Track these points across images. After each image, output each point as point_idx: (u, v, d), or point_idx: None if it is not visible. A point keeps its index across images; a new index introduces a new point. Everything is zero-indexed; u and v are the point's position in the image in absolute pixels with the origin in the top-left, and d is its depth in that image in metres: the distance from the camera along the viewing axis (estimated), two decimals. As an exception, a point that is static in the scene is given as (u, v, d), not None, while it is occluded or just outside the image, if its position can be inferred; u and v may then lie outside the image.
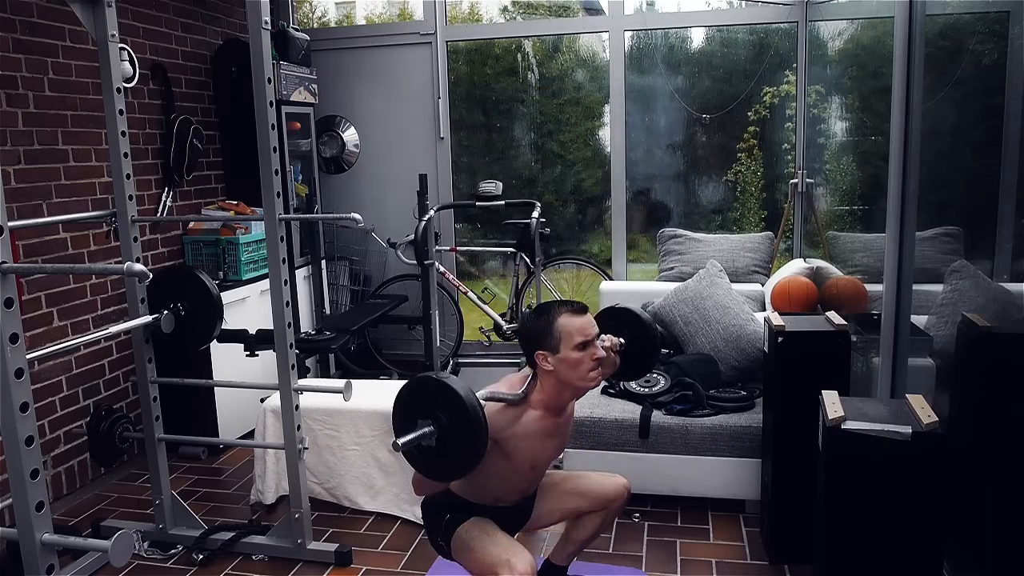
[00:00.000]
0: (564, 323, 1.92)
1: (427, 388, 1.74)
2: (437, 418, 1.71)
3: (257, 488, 3.12)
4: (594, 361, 1.94)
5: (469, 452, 1.72)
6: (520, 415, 1.96)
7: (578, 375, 1.94)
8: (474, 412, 1.68)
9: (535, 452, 2.01)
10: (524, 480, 2.08)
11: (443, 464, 1.77)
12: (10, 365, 1.60)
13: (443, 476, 1.88)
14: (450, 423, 1.70)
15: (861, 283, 3.18)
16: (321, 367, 4.52)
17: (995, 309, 2.26)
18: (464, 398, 1.68)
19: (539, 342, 1.95)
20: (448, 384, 1.70)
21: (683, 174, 4.74)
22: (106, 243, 3.38)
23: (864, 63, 3.54)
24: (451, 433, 1.71)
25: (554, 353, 1.93)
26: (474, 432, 1.69)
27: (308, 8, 7.09)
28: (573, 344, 1.91)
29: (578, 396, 2.07)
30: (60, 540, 1.68)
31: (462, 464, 1.75)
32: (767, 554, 2.65)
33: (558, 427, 2.04)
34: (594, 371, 1.95)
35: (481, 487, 2.03)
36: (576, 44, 5.22)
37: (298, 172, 4.43)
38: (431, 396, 1.73)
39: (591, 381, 1.96)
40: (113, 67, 2.51)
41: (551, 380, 1.96)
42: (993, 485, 1.98)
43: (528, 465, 2.02)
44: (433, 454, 1.74)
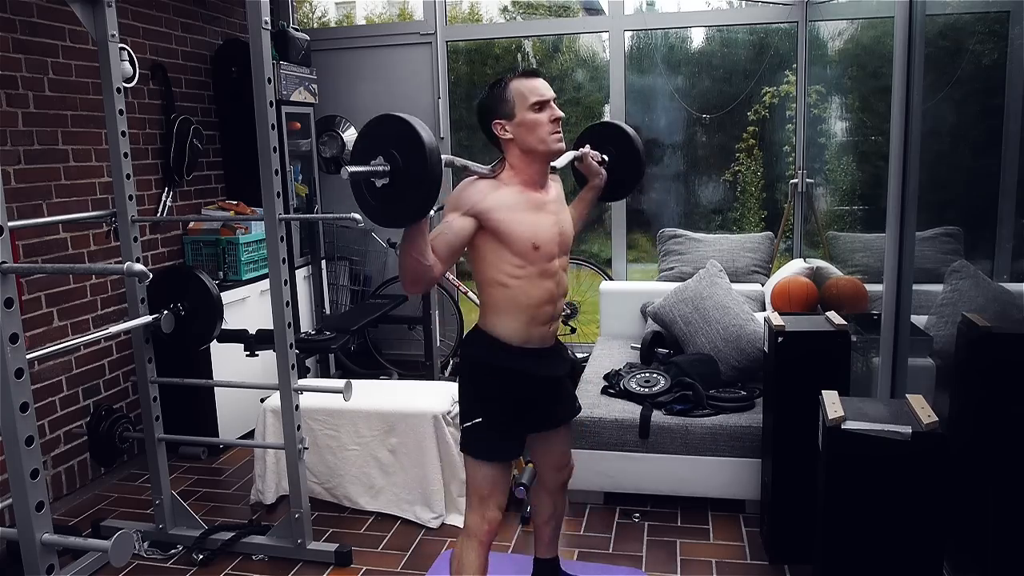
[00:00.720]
0: (516, 86, 1.89)
1: (389, 124, 1.66)
2: (393, 157, 1.63)
3: (257, 488, 3.12)
4: (552, 123, 1.89)
5: (423, 189, 1.62)
6: (495, 188, 1.89)
7: (537, 137, 1.88)
8: (429, 147, 1.59)
9: (529, 226, 1.89)
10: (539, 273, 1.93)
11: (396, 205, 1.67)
12: (10, 365, 1.60)
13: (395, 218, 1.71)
14: (405, 161, 1.62)
15: (861, 283, 3.18)
16: (321, 367, 4.52)
17: (995, 309, 2.26)
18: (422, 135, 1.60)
19: (494, 112, 1.90)
20: (407, 121, 1.62)
21: (683, 174, 4.74)
22: (106, 243, 3.38)
23: (864, 63, 3.54)
24: (405, 170, 1.62)
25: (510, 119, 1.89)
26: (428, 167, 1.60)
27: (308, 8, 7.09)
28: (528, 104, 1.87)
29: (547, 162, 1.97)
30: (60, 540, 1.68)
31: (416, 203, 1.65)
32: (767, 554, 2.65)
33: (544, 201, 1.95)
34: (555, 134, 1.90)
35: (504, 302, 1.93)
36: (576, 44, 5.23)
37: (298, 172, 4.43)
38: (391, 133, 1.64)
39: (555, 143, 1.90)
40: (113, 67, 2.51)
41: (514, 150, 1.91)
42: (993, 485, 1.98)
43: (529, 243, 1.89)
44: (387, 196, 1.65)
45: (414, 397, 3.07)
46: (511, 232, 1.88)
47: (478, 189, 1.88)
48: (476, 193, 1.87)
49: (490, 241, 1.89)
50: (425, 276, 1.78)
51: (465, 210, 1.85)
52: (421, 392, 3.15)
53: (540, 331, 1.99)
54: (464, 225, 1.85)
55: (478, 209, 1.86)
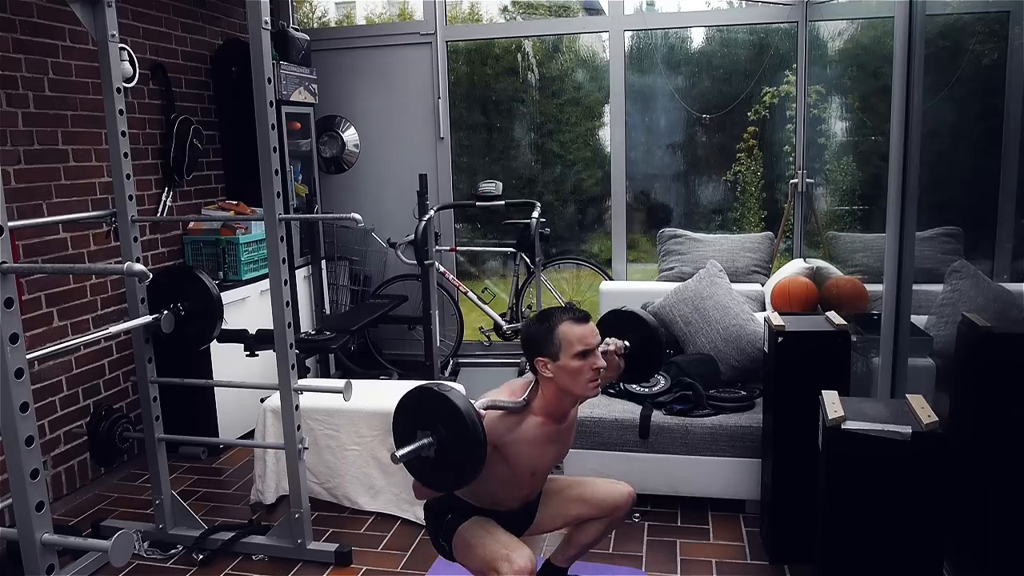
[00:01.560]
0: (565, 331, 1.92)
1: (426, 399, 1.75)
2: (436, 430, 1.72)
3: (257, 488, 3.12)
4: (593, 371, 1.93)
5: (468, 465, 1.72)
6: (520, 422, 1.96)
7: (577, 384, 1.93)
8: (472, 427, 1.68)
9: (535, 458, 2.01)
10: (525, 486, 2.08)
11: (442, 475, 1.78)
12: (10, 365, 1.60)
13: (442, 486, 1.89)
14: (449, 435, 1.71)
15: (861, 283, 3.18)
16: (321, 367, 4.52)
17: (995, 309, 2.26)
18: (463, 412, 1.68)
19: (539, 348, 1.94)
20: (447, 397, 1.70)
21: (683, 174, 4.74)
22: (106, 243, 3.38)
23: (864, 63, 3.54)
24: (450, 445, 1.71)
25: (554, 360, 1.92)
26: (472, 446, 1.69)
27: (308, 8, 7.08)
28: (573, 353, 1.91)
29: (578, 403, 2.06)
30: (60, 540, 1.68)
31: (461, 476, 1.76)
32: (767, 554, 2.65)
33: (559, 433, 2.04)
34: (593, 381, 1.94)
35: (482, 491, 2.03)
36: (576, 44, 5.22)
37: (298, 172, 4.43)
38: (430, 407, 1.73)
39: (591, 391, 1.96)
40: (113, 67, 2.51)
41: (551, 387, 1.96)
42: (993, 485, 1.98)
43: (528, 471, 2.02)
44: (432, 465, 1.75)
45: (414, 397, 3.07)
46: (518, 460, 1.98)
47: (505, 425, 1.95)
48: (503, 429, 1.94)
49: (496, 459, 1.94)
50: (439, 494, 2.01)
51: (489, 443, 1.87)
52: (421, 392, 3.14)
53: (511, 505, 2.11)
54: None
55: (499, 443, 1.93)
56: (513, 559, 1.87)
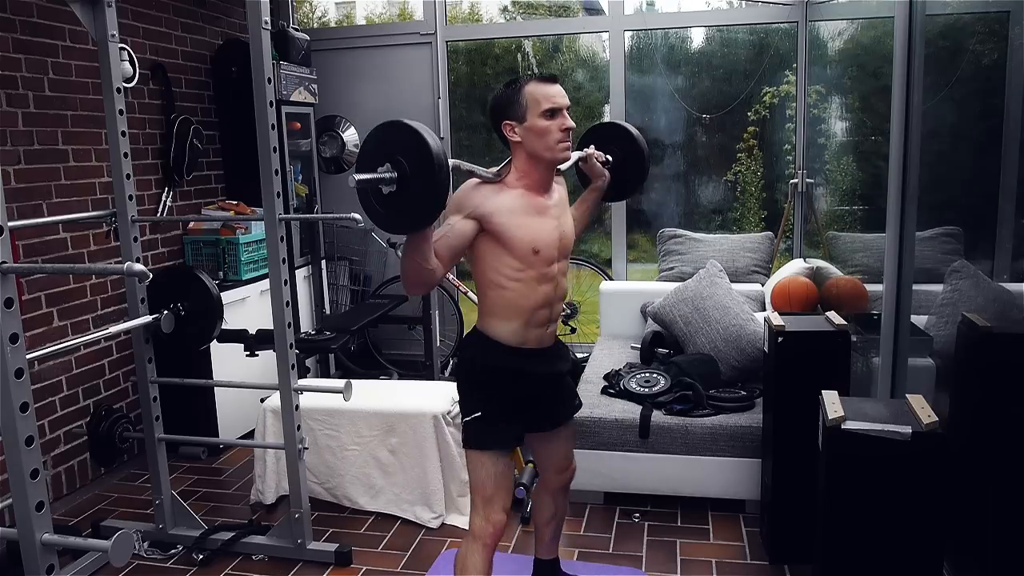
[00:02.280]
0: (531, 90, 1.87)
1: (393, 131, 1.65)
2: (399, 163, 1.62)
3: (257, 488, 3.12)
4: (563, 132, 1.88)
5: (430, 196, 1.62)
6: (498, 192, 1.89)
7: (545, 144, 1.87)
8: (436, 154, 1.59)
9: (530, 231, 1.90)
10: (535, 275, 1.93)
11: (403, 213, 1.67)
12: (10, 365, 1.60)
13: (402, 225, 1.72)
14: (412, 167, 1.61)
15: (861, 283, 3.18)
16: (321, 367, 4.52)
17: (995, 309, 2.26)
18: (428, 141, 1.59)
19: (506, 111, 1.89)
20: (413, 127, 1.61)
21: (683, 174, 4.74)
22: (106, 243, 3.38)
23: (864, 63, 3.54)
24: (412, 182, 1.61)
25: (521, 122, 1.87)
26: (435, 174, 1.59)
27: (308, 8, 7.08)
28: (540, 111, 1.85)
29: (552, 168, 1.97)
30: (60, 540, 1.68)
31: (423, 210, 1.65)
32: (767, 554, 2.65)
33: (547, 206, 1.95)
34: (563, 142, 1.89)
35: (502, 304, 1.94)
36: (576, 44, 5.23)
37: (298, 172, 4.43)
38: (396, 141, 1.63)
39: (560, 152, 1.90)
40: (113, 67, 2.51)
41: (521, 153, 1.90)
42: (993, 485, 1.98)
43: (528, 247, 1.90)
44: (394, 203, 1.64)
45: (414, 397, 3.07)
46: (512, 236, 1.88)
47: (481, 192, 1.88)
48: (479, 196, 1.87)
49: (491, 244, 1.89)
50: (427, 279, 1.79)
51: (467, 212, 1.85)
52: (421, 392, 3.15)
53: (537, 333, 2.00)
54: (466, 228, 1.85)
55: (480, 212, 1.86)
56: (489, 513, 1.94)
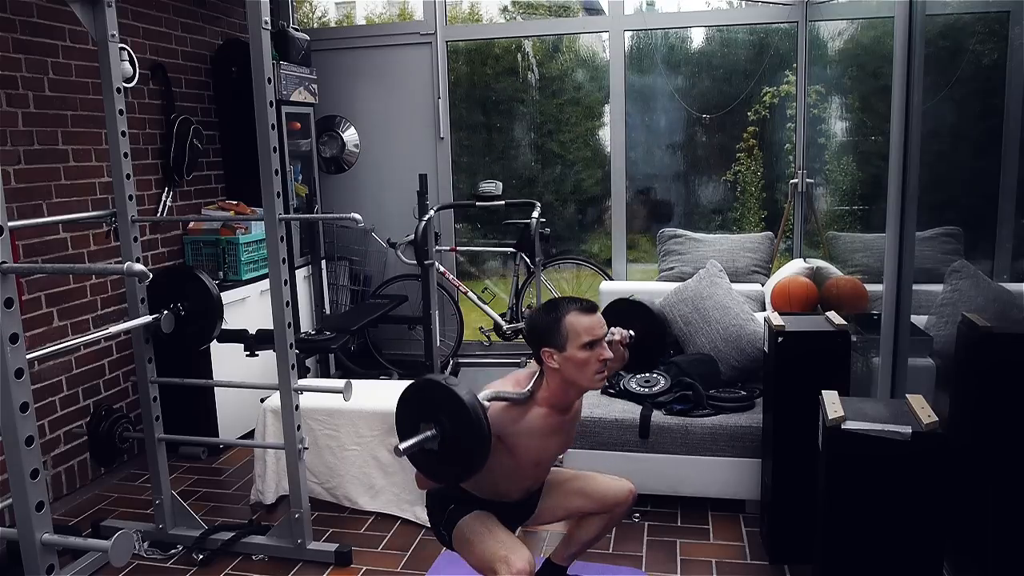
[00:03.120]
0: (572, 321, 1.90)
1: (430, 391, 1.74)
2: (440, 422, 1.70)
3: (257, 488, 3.12)
4: (600, 362, 1.92)
5: (472, 458, 1.71)
6: (525, 413, 1.95)
7: (584, 376, 1.92)
8: (477, 419, 1.67)
9: (539, 449, 2.00)
10: (527, 477, 2.08)
11: (446, 467, 1.77)
12: (10, 365, 1.60)
13: (446, 479, 1.88)
14: (453, 428, 1.69)
15: (861, 283, 3.18)
16: (321, 367, 4.52)
17: (995, 309, 2.26)
18: (467, 404, 1.67)
19: (546, 339, 1.93)
20: (451, 390, 1.69)
21: (683, 174, 4.74)
22: (106, 243, 3.38)
23: (864, 63, 3.54)
24: (454, 438, 1.70)
25: (560, 351, 1.91)
26: (477, 439, 1.68)
27: (308, 8, 7.08)
28: (580, 343, 1.89)
29: (583, 393, 2.05)
30: (60, 540, 1.68)
31: (465, 469, 1.75)
32: (767, 554, 2.65)
33: (563, 424, 2.03)
34: (600, 372, 1.93)
35: (485, 482, 2.02)
36: (576, 44, 5.22)
37: (298, 172, 4.43)
38: (434, 399, 1.72)
39: (597, 383, 1.95)
40: (113, 67, 2.51)
41: (556, 378, 1.95)
42: (993, 485, 1.98)
43: (532, 462, 2.02)
44: (436, 458, 1.74)
45: (414, 397, 3.06)
46: (521, 454, 1.97)
47: (510, 416, 1.93)
48: (507, 420, 1.93)
49: (500, 451, 1.93)
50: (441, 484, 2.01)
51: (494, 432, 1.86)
52: (421, 392, 3.14)
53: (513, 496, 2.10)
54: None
55: (503, 433, 1.92)
56: (511, 560, 1.86)
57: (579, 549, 2.28)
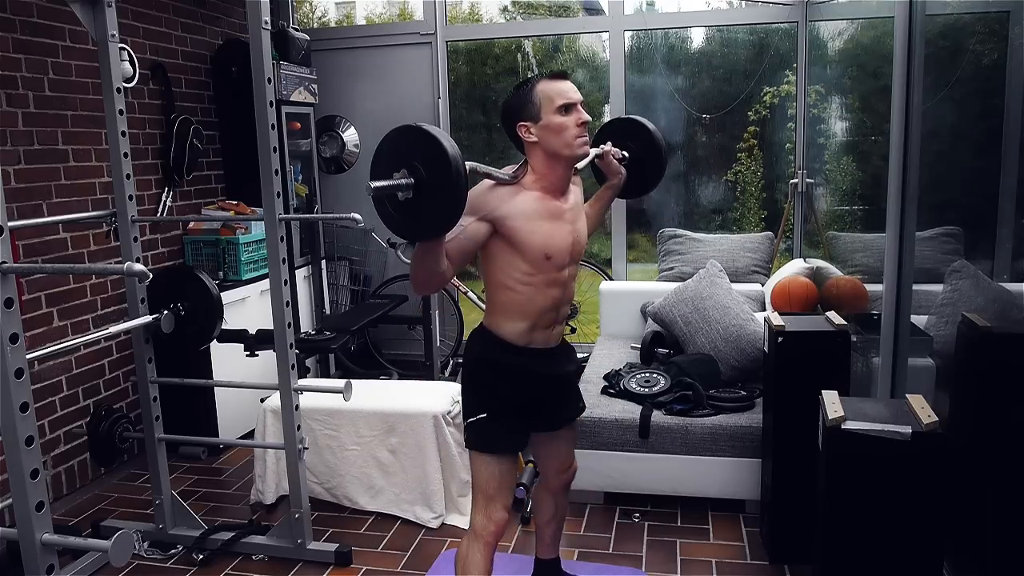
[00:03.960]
0: (543, 88, 1.85)
1: (409, 136, 1.62)
2: (415, 169, 1.59)
3: (257, 488, 3.12)
4: (579, 126, 1.85)
5: (447, 204, 1.58)
6: (514, 195, 1.86)
7: (563, 141, 1.85)
8: (455, 161, 1.54)
9: (544, 236, 1.88)
10: (546, 280, 1.92)
11: (419, 220, 1.63)
12: (10, 365, 1.60)
13: (418, 232, 1.69)
14: (429, 174, 1.56)
15: (861, 283, 3.18)
16: (321, 367, 4.52)
17: (995, 309, 2.26)
18: (446, 147, 1.55)
19: (519, 113, 1.87)
20: (431, 132, 1.58)
21: (683, 174, 4.74)
22: (106, 243, 3.38)
23: (864, 63, 3.54)
24: (429, 187, 1.57)
25: (536, 122, 1.85)
26: (453, 181, 1.55)
27: (308, 8, 7.09)
28: (555, 107, 1.83)
29: (571, 167, 1.95)
30: (60, 540, 1.68)
31: (439, 218, 1.61)
32: (767, 554, 2.65)
33: (562, 210, 1.93)
34: (580, 137, 1.87)
35: (509, 306, 1.93)
36: (576, 44, 5.23)
37: (298, 172, 4.43)
38: (411, 146, 1.61)
39: (579, 148, 1.87)
40: (113, 67, 2.51)
41: (538, 153, 1.88)
42: (993, 485, 1.98)
43: (541, 252, 1.88)
44: (410, 209, 1.62)
45: (414, 397, 3.07)
46: (524, 241, 1.86)
47: (497, 195, 1.86)
48: (494, 199, 1.85)
49: (503, 246, 1.88)
50: (438, 281, 1.78)
51: (481, 215, 1.83)
52: (421, 392, 3.15)
53: (543, 334, 1.99)
54: (479, 230, 1.83)
55: (495, 215, 1.84)
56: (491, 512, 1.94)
57: (548, 533, 2.32)
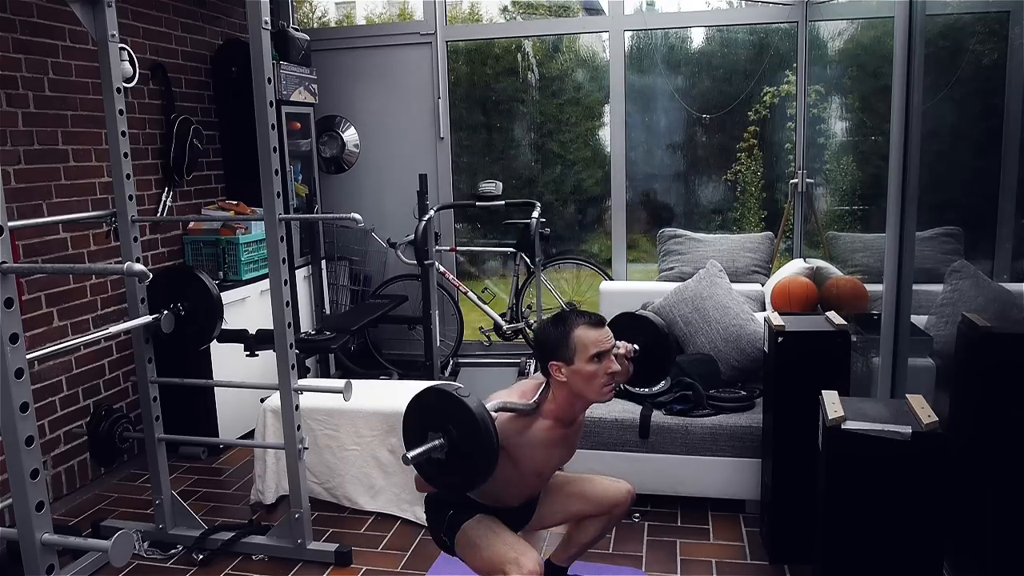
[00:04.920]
0: (580, 335, 1.91)
1: (439, 401, 1.74)
2: (448, 431, 1.70)
3: (257, 488, 3.12)
4: (607, 375, 1.93)
5: (479, 469, 1.71)
6: (530, 424, 1.96)
7: (591, 389, 1.93)
8: (486, 430, 1.67)
9: (542, 461, 2.02)
10: (528, 486, 2.08)
11: (451, 477, 1.77)
12: (10, 365, 1.60)
13: (451, 488, 1.89)
14: (461, 438, 1.70)
15: (861, 283, 3.18)
16: (321, 367, 4.52)
17: (995, 309, 2.26)
18: (477, 415, 1.67)
19: (554, 352, 1.93)
20: (461, 400, 1.69)
21: (683, 174, 4.74)
22: (106, 243, 3.38)
23: (864, 63, 3.54)
24: (461, 447, 1.70)
25: (568, 364, 1.91)
26: (485, 449, 1.68)
27: (308, 8, 7.08)
28: (588, 356, 1.90)
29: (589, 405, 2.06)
30: (60, 540, 1.68)
31: (471, 478, 1.76)
32: (767, 554, 2.66)
33: (567, 437, 2.04)
34: (608, 386, 1.94)
35: (485, 490, 2.01)
36: (576, 44, 5.22)
37: (298, 172, 4.43)
38: (442, 408, 1.72)
39: (605, 395, 1.95)
40: (113, 67, 2.51)
41: (564, 391, 1.95)
42: (993, 485, 1.98)
43: (534, 472, 2.03)
44: (442, 467, 1.74)
45: (414, 397, 3.07)
46: (524, 464, 1.98)
47: (514, 428, 1.94)
48: (511, 431, 1.92)
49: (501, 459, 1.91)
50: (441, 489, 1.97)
51: None
52: (421, 392, 3.14)
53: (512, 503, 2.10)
54: None
55: (509, 444, 1.91)
56: (521, 562, 1.87)
57: (578, 551, 2.28)
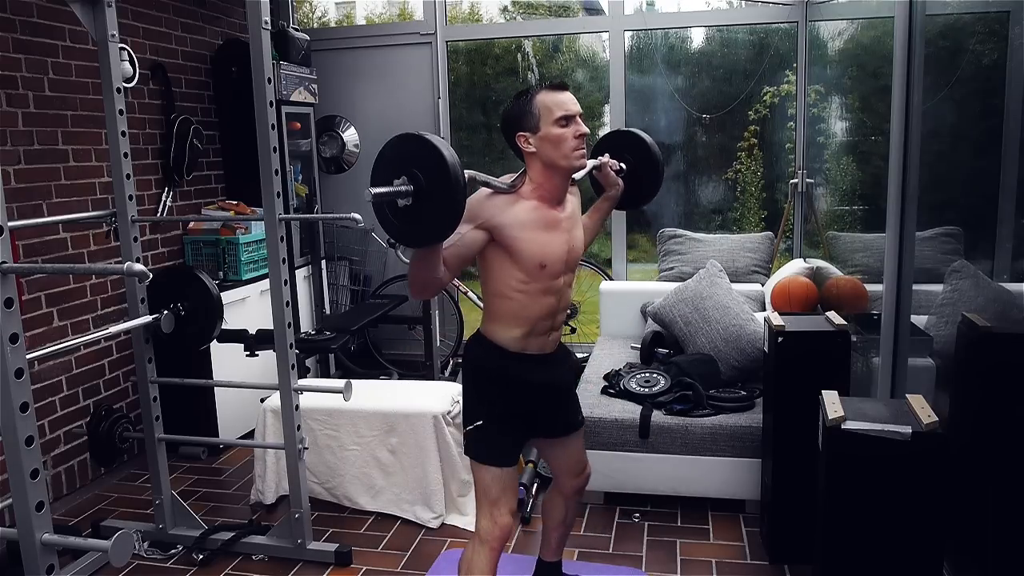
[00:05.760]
0: (543, 99, 1.87)
1: (409, 144, 1.64)
2: (415, 176, 1.61)
3: (257, 488, 3.12)
4: (577, 138, 1.87)
5: (446, 212, 1.61)
6: (511, 204, 1.88)
7: (561, 153, 1.87)
8: (454, 170, 1.56)
9: (539, 245, 1.90)
10: (540, 289, 1.93)
11: (418, 227, 1.66)
12: (10, 365, 1.60)
13: (417, 238, 1.71)
14: (428, 181, 1.59)
15: (861, 283, 3.18)
16: (321, 367, 4.52)
17: (995, 309, 2.26)
18: (446, 156, 1.57)
19: (519, 123, 1.89)
20: (430, 141, 1.60)
21: (683, 174, 4.74)
22: (106, 243, 3.38)
23: (864, 63, 3.54)
24: (428, 191, 1.60)
25: (535, 132, 1.87)
26: (452, 190, 1.57)
27: (308, 8, 7.09)
28: (553, 119, 1.86)
29: (568, 177, 1.97)
30: (60, 540, 1.68)
31: (437, 226, 1.64)
32: (767, 554, 2.66)
33: (559, 220, 1.95)
34: (578, 149, 1.88)
35: (505, 313, 1.94)
36: (576, 44, 5.23)
37: (298, 172, 4.43)
38: (412, 154, 1.62)
39: (576, 160, 1.89)
40: (113, 67, 2.51)
41: (536, 164, 1.90)
42: (993, 485, 1.98)
43: (536, 262, 1.89)
44: (408, 215, 1.64)
45: (414, 397, 3.07)
46: (520, 251, 1.88)
47: (494, 203, 1.88)
48: (492, 207, 1.87)
49: (499, 255, 1.90)
50: (434, 285, 1.80)
51: (479, 223, 1.85)
52: (421, 392, 3.15)
53: (538, 341, 2.01)
54: (476, 238, 1.85)
55: (492, 224, 1.86)
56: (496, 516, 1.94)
57: (554, 536, 2.30)
